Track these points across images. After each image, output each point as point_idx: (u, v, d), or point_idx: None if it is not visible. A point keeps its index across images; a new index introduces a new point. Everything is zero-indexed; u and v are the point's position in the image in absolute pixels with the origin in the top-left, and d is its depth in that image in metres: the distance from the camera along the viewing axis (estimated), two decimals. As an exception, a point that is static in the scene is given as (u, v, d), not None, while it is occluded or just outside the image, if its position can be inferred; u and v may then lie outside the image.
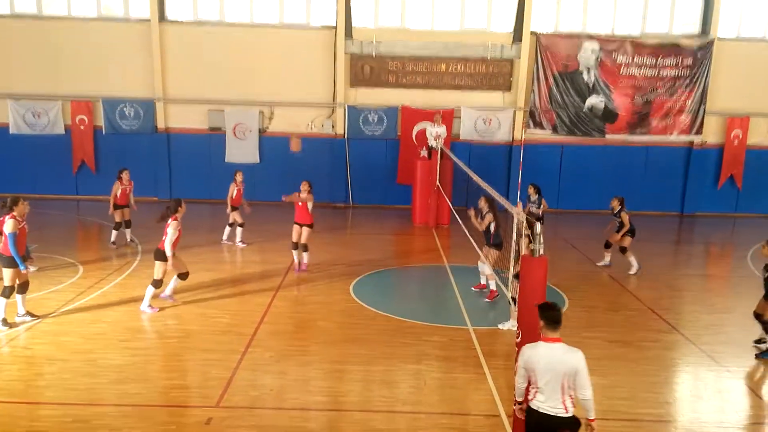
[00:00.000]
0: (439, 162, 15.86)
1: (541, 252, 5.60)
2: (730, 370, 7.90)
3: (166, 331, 8.63)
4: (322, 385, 7.17)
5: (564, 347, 4.65)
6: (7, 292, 8.37)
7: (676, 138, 18.14)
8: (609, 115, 18.02)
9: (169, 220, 9.04)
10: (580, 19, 17.99)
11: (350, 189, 18.69)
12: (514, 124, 18.18)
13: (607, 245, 12.62)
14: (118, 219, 12.92)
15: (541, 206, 12.94)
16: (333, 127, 18.41)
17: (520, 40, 17.69)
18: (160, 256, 9.09)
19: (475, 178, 10.50)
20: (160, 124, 18.32)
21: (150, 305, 9.24)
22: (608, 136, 18.16)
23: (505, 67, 18.04)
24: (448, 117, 17.81)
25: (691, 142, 18.23)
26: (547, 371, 4.58)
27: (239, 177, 13.56)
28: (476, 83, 18.18)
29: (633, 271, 12.10)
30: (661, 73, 17.72)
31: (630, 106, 17.97)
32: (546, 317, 4.68)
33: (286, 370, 7.47)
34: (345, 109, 18.23)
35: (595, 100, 17.95)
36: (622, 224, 12.12)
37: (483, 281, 10.52)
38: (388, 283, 11.47)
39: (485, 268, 10.16)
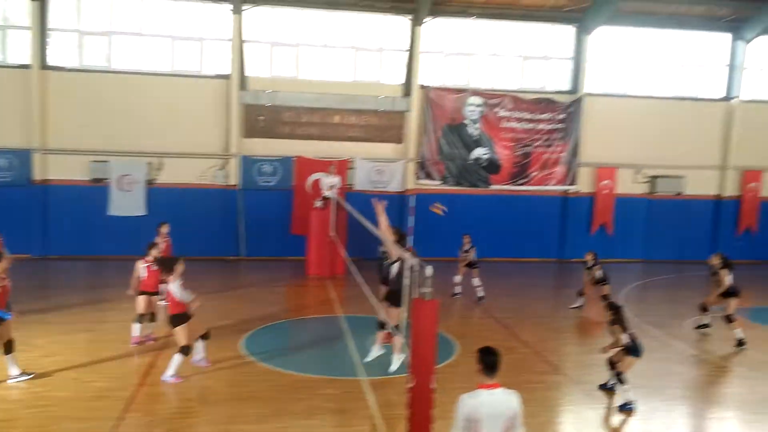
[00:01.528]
0: (333, 212, 16.04)
1: (431, 296, 5.77)
2: (607, 407, 8.41)
3: (31, 400, 7.96)
4: (211, 448, 6.92)
5: (503, 391, 4.63)
6: None
7: (553, 188, 19.45)
8: (493, 167, 19.08)
9: (170, 279, 8.64)
10: (465, 75, 19.10)
11: (243, 241, 18.40)
12: (405, 175, 18.79)
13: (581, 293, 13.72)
14: None
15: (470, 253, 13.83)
16: (226, 177, 18.17)
17: (410, 94, 18.48)
18: (178, 320, 8.66)
19: (372, 228, 10.71)
20: (37, 176, 17.29)
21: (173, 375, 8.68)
22: (492, 186, 19.17)
23: (396, 120, 18.73)
24: (343, 167, 18.14)
25: (567, 192, 19.60)
26: (493, 418, 4.51)
27: (164, 229, 12.37)
28: (369, 134, 18.71)
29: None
30: (538, 126, 19.07)
31: (511, 158, 19.14)
32: (485, 362, 4.62)
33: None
34: (239, 160, 18.10)
35: (479, 152, 18.97)
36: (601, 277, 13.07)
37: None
38: (281, 336, 11.32)
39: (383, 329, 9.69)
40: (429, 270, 5.72)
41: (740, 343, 11.21)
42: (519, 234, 19.32)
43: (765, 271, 19.12)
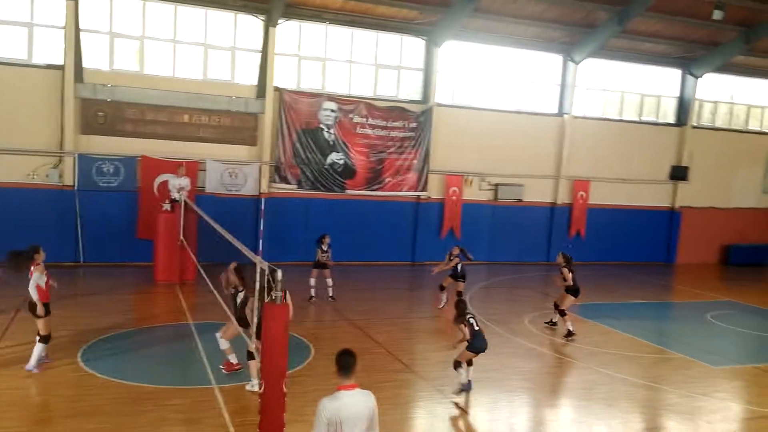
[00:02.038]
0: (183, 215, 15.33)
1: (283, 300, 5.71)
2: (454, 401, 8.80)
3: None
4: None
5: (361, 391, 4.65)
6: None
7: (405, 193, 20.10)
8: (348, 172, 19.31)
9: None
10: (320, 80, 19.18)
11: (81, 246, 16.99)
12: (260, 178, 18.44)
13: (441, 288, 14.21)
14: None
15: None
16: (60, 177, 16.69)
17: (264, 96, 18.18)
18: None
19: (221, 231, 10.35)
20: None
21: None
22: (348, 192, 19.40)
23: (250, 122, 18.33)
24: (193, 169, 17.39)
25: (418, 197, 20.36)
26: (354, 419, 4.51)
27: None
28: (221, 135, 18.12)
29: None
30: (391, 134, 19.61)
31: (366, 164, 19.50)
32: (342, 364, 4.62)
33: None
34: (75, 159, 16.69)
35: (335, 157, 19.12)
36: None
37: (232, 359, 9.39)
38: (124, 346, 10.55)
39: (222, 343, 9.22)
40: (279, 274, 5.66)
41: (569, 334, 12.29)
42: (373, 238, 19.72)
43: (591, 271, 21.14)
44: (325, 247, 14.36)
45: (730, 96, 24.41)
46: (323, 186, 19.11)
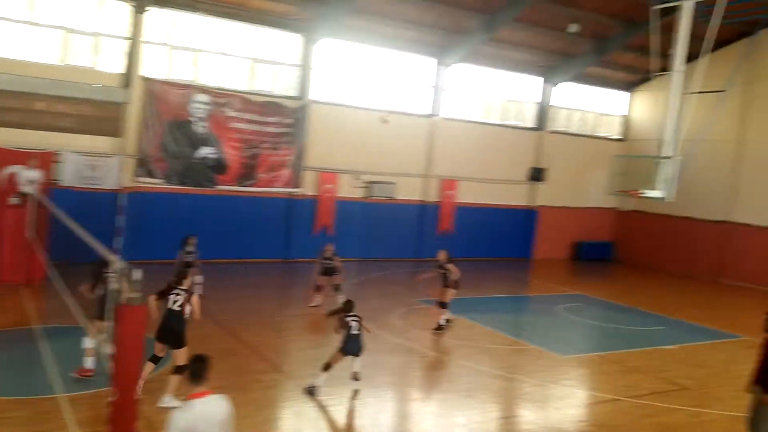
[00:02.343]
0: (33, 210, 14.19)
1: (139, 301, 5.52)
2: (320, 399, 8.91)
3: None
4: None
5: (215, 397, 4.55)
6: None
7: (279, 190, 19.92)
8: (219, 167, 18.80)
9: None
10: (191, 70, 18.49)
11: None
12: (123, 172, 17.46)
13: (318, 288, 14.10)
14: None
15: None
16: None
17: (130, 85, 17.23)
18: None
19: (74, 227, 9.70)
20: None
21: None
22: (219, 187, 18.89)
23: (113, 111, 17.27)
24: (47, 160, 16.10)
25: (292, 194, 20.26)
26: (209, 427, 4.40)
27: None
28: (81, 126, 16.91)
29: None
30: (266, 129, 19.32)
31: (239, 159, 19.07)
32: (193, 371, 4.48)
33: None
34: None
35: (206, 151, 18.53)
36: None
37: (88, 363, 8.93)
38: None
39: (87, 342, 8.75)
40: (137, 273, 5.45)
41: (439, 327, 12.84)
42: (245, 235, 19.34)
43: (458, 267, 22.16)
44: (191, 248, 13.99)
45: (582, 103, 26.55)
46: (193, 181, 18.45)
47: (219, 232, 18.40)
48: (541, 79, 24.83)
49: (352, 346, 9.08)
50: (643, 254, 26.11)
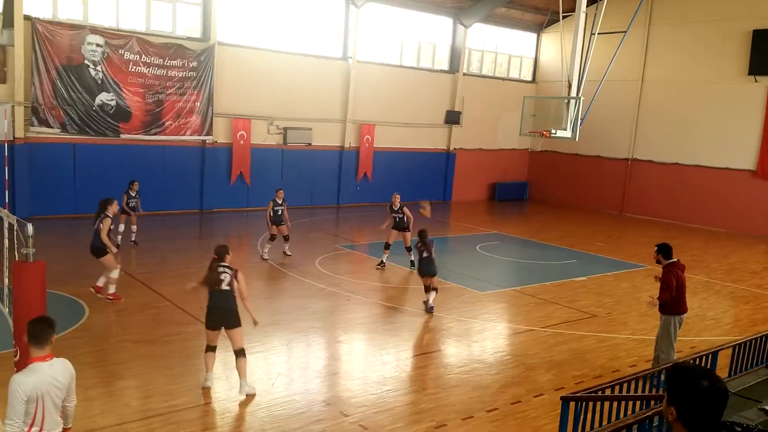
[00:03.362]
0: None
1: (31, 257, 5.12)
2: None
3: None
4: None
5: (59, 361, 4.30)
6: None
7: (189, 138, 19.04)
8: (122, 114, 17.66)
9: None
10: (81, 10, 17.04)
11: None
12: (14, 121, 16.08)
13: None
14: None
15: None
16: None
17: (12, 26, 15.69)
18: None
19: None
20: None
21: None
22: (123, 136, 17.80)
23: (-4, 55, 15.76)
24: (-77, 110, 14.59)
25: (204, 142, 19.42)
26: (54, 390, 4.19)
27: None
28: (-40, 71, 15.39)
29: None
30: (169, 73, 18.25)
31: (142, 105, 17.98)
32: (32, 334, 4.16)
33: None
34: None
35: (105, 98, 17.32)
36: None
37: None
38: None
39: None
40: (30, 228, 5.03)
41: (413, 264, 13.32)
42: (157, 186, 18.38)
43: (378, 212, 22.24)
44: (133, 194, 13.87)
45: (494, 45, 26.75)
46: (93, 130, 17.28)
47: (126, 184, 17.44)
48: (450, 21, 24.73)
49: (428, 268, 10.77)
50: (555, 193, 27.18)
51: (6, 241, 6.54)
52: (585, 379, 8.29)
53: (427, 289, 10.94)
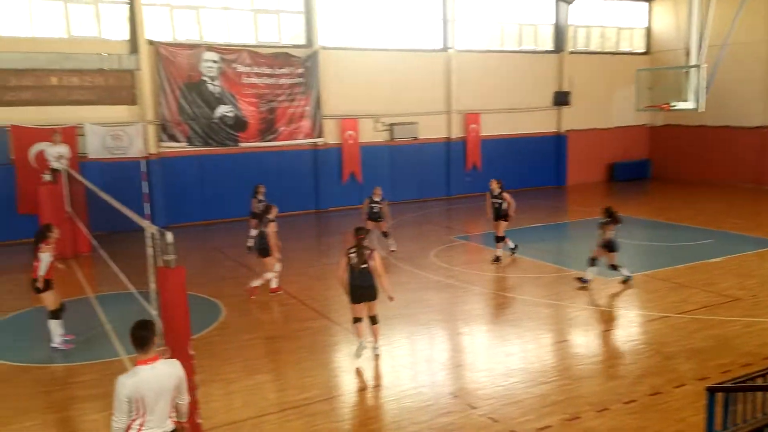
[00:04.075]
0: (67, 185, 14.30)
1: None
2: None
3: None
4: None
5: (164, 362, 4.51)
6: None
7: (301, 141, 19.73)
8: (239, 124, 18.63)
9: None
10: (196, 29, 18.12)
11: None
12: (146, 139, 17.42)
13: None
14: None
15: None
16: None
17: (137, 51, 16.99)
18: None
19: (108, 198, 9.72)
20: None
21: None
22: (242, 144, 18.77)
23: (126, 79, 17.13)
24: (71, 135, 16.14)
25: (315, 144, 20.05)
26: (157, 393, 4.39)
27: None
28: (97, 96, 16.86)
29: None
30: (279, 81, 19.00)
31: (257, 114, 18.86)
32: (135, 338, 4.40)
33: None
34: (-70, 135, 15.05)
35: (224, 110, 18.34)
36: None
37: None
38: (22, 328, 9.93)
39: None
40: (170, 236, 5.43)
41: (497, 259, 13.06)
42: (275, 189, 19.01)
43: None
44: (261, 197, 14.36)
45: (601, 20, 25.48)
46: (215, 141, 18.37)
47: (247, 189, 18.34)
48: (553, -1, 23.86)
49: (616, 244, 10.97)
50: (681, 169, 25.47)
51: (149, 250, 7.10)
52: (732, 367, 7.70)
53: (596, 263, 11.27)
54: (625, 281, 11.38)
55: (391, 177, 21.41)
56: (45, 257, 8.66)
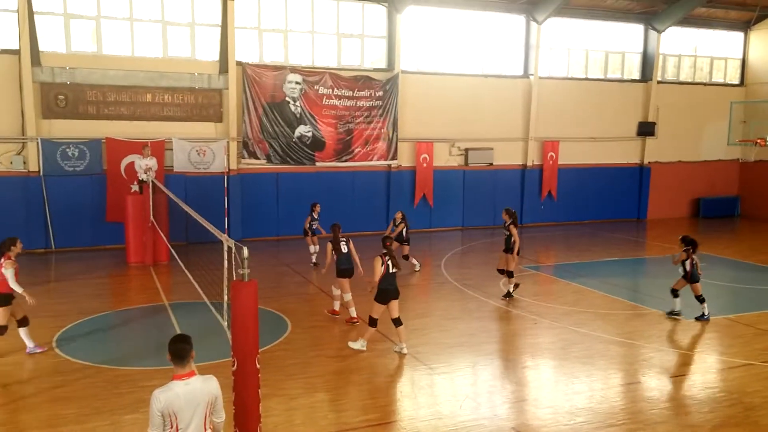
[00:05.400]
0: (152, 196, 15.08)
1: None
2: (431, 366, 8.90)
3: None
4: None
5: (199, 378, 4.53)
6: None
7: (376, 163, 19.98)
8: (317, 144, 19.10)
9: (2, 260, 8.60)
10: (282, 52, 18.80)
11: (51, 232, 16.66)
12: (228, 155, 18.14)
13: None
14: None
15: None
16: (24, 163, 16.26)
17: (227, 71, 17.79)
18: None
19: (189, 210, 10.18)
20: None
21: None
22: (318, 164, 19.22)
23: (214, 98, 17.96)
24: (159, 149, 17.05)
25: (389, 166, 20.25)
26: (190, 408, 4.41)
27: None
28: (186, 113, 17.76)
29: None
30: (358, 103, 19.38)
31: (334, 135, 19.30)
32: (173, 352, 4.47)
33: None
34: (38, 144, 16.25)
35: (303, 130, 18.88)
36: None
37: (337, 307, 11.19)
38: (100, 330, 10.47)
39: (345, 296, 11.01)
40: (245, 251, 5.60)
41: (509, 294, 12.49)
42: (347, 209, 19.56)
43: (564, 231, 21.45)
44: (315, 215, 15.12)
45: (693, 49, 24.58)
46: (293, 159, 18.90)
47: (321, 207, 18.71)
48: (641, 27, 23.22)
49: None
50: (774, 208, 24.03)
51: (225, 263, 7.36)
52: (822, 424, 7.14)
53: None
54: (700, 318, 11.07)
55: (464, 202, 21.31)
56: (8, 273, 8.56)
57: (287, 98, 18.54)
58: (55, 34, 16.42)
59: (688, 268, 11.23)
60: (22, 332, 9.03)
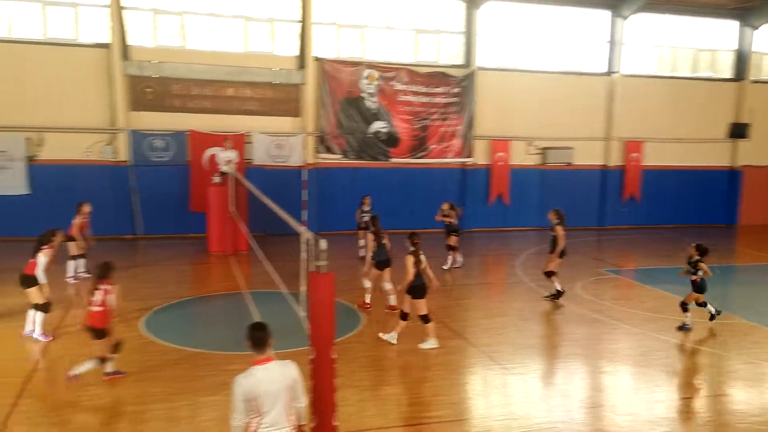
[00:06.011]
0: (233, 187, 15.56)
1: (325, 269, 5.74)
2: (506, 366, 8.75)
3: None
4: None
5: (278, 363, 4.60)
6: None
7: (451, 160, 19.85)
8: (392, 140, 19.17)
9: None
10: (359, 48, 18.96)
11: (139, 219, 17.51)
12: (305, 149, 18.49)
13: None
14: None
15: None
16: (115, 153, 17.14)
17: (305, 66, 18.11)
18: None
19: (267, 202, 10.43)
20: None
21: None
22: (392, 160, 19.28)
23: (292, 93, 18.33)
24: (240, 142, 17.58)
25: (464, 164, 20.06)
26: (272, 393, 4.48)
27: (86, 208, 12.75)
28: (265, 108, 18.22)
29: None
30: (434, 100, 19.31)
31: (410, 131, 19.31)
32: (253, 339, 4.56)
33: (70, 420, 6.71)
34: (128, 135, 17.09)
35: (378, 126, 18.99)
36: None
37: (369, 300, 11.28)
38: (183, 314, 10.92)
39: (386, 285, 11.10)
40: (323, 243, 5.67)
41: (559, 294, 12.04)
42: (420, 206, 19.49)
43: (647, 235, 20.62)
44: (366, 209, 15.05)
45: (793, 47, 23.07)
46: (368, 155, 19.06)
47: (394, 203, 18.83)
48: (736, 23, 21.98)
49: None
50: None
51: (303, 254, 7.49)
52: None
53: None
54: (712, 319, 10.81)
55: (541, 202, 20.84)
56: (42, 260, 9.01)
57: (363, 93, 18.70)
58: (143, 29, 17.20)
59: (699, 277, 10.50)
60: (38, 316, 9.14)
